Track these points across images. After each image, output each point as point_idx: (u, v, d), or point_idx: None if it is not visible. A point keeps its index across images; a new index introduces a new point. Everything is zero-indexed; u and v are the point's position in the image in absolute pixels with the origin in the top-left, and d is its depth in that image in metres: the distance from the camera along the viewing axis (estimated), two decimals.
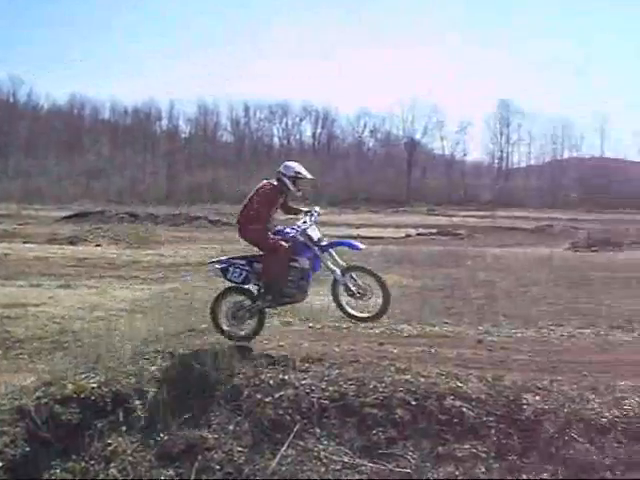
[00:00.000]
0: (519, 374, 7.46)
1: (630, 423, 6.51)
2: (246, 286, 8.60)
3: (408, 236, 37.27)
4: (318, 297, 10.65)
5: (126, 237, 31.11)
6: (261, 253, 8.53)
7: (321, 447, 6.66)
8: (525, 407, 6.82)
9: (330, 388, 7.23)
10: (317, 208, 8.89)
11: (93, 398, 7.35)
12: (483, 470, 6.31)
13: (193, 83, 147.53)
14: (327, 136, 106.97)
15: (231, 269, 8.49)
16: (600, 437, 6.43)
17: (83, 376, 7.70)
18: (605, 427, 6.51)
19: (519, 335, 9.59)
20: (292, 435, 6.76)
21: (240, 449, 6.74)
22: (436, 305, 13.44)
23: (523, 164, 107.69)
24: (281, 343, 8.60)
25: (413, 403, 6.96)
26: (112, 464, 6.75)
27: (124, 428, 7.04)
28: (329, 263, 8.47)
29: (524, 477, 6.22)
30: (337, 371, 7.52)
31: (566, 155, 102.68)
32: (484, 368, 7.69)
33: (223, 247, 25.71)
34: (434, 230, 39.86)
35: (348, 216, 55.53)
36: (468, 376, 7.33)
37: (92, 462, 6.82)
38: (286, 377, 7.41)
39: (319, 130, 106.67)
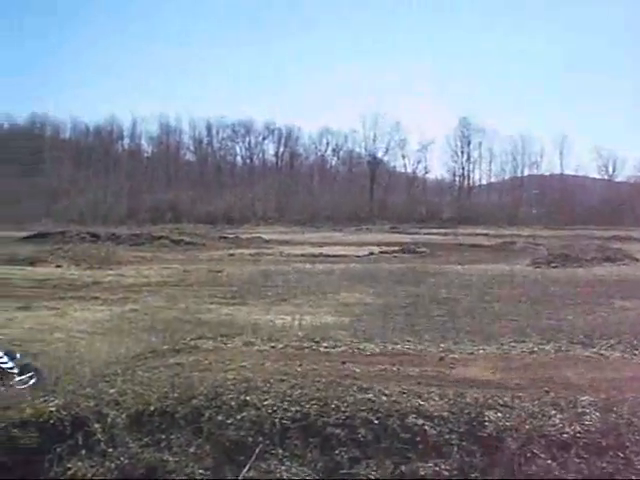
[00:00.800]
0: (480, 391, 7.49)
1: (591, 438, 6.55)
2: None
3: (371, 254, 37.30)
4: (280, 316, 10.62)
5: (87, 258, 30.79)
6: None
7: (283, 468, 6.60)
8: (487, 424, 6.84)
9: (292, 408, 7.17)
10: None
11: (52, 422, 7.22)
12: None
13: (155, 101, 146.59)
14: (290, 155, 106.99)
15: None
16: (562, 453, 6.46)
17: (42, 399, 7.58)
18: (567, 443, 6.54)
19: (481, 352, 9.62)
20: (254, 457, 6.70)
21: (202, 472, 6.66)
22: (399, 323, 13.49)
23: (484, 181, 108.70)
24: (243, 364, 8.54)
25: (375, 422, 6.95)
26: None
27: (84, 452, 6.92)
28: None
29: None
30: (299, 391, 7.47)
31: (526, 172, 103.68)
32: (446, 385, 7.71)
33: (185, 267, 25.60)
34: (397, 248, 39.96)
35: (311, 235, 55.56)
36: (430, 394, 7.33)
37: None
38: (248, 398, 7.34)
39: (282, 149, 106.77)
